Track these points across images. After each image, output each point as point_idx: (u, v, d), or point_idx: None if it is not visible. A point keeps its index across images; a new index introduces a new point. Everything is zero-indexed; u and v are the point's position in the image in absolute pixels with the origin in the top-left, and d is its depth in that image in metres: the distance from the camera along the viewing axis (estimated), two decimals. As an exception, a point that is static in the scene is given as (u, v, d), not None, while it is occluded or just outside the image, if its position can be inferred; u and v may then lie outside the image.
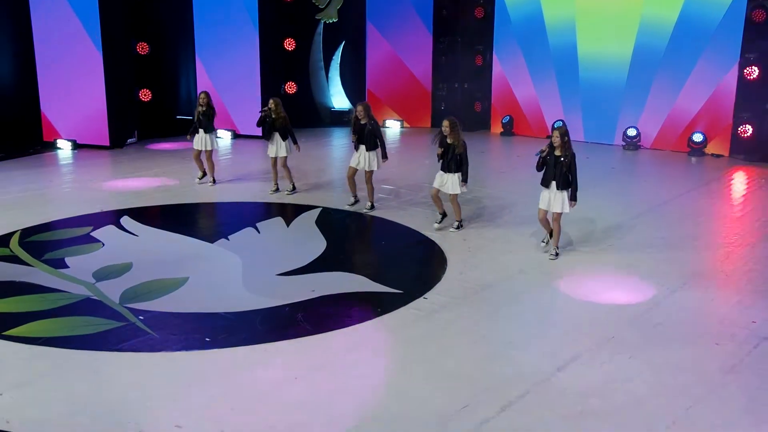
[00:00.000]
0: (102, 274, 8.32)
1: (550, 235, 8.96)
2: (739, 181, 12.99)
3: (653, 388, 5.92)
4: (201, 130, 11.92)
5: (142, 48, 15.95)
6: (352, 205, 10.91)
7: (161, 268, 8.53)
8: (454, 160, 9.45)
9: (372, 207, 10.83)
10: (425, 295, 7.81)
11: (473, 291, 7.94)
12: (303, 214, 10.66)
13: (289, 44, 17.30)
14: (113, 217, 10.47)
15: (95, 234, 9.74)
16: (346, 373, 6.21)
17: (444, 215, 9.92)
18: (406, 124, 18.45)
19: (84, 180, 12.86)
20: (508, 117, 17.24)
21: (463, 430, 5.34)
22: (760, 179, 12.83)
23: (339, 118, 18.48)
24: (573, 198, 8.62)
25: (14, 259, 8.78)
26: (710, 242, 9.69)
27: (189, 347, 6.64)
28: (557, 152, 8.51)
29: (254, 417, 5.53)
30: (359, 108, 10.51)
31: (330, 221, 10.47)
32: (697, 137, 14.76)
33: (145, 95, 16.09)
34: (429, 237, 9.68)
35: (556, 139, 8.48)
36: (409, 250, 9.44)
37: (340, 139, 16.90)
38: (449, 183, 9.54)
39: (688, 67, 14.69)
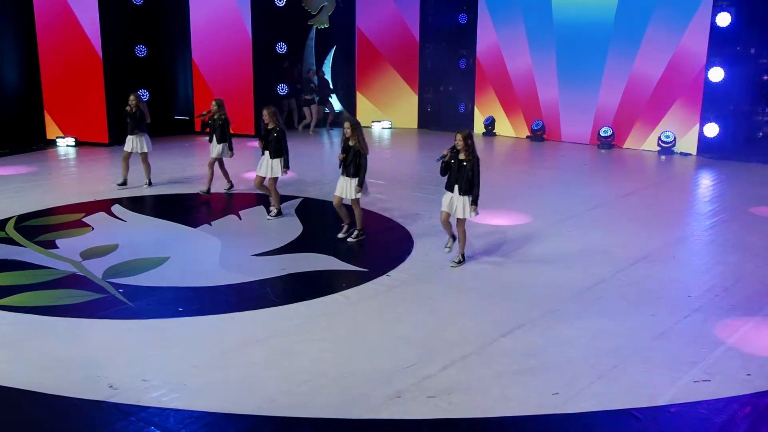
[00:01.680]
0: (88, 254, 8.67)
1: (453, 239, 8.49)
2: (702, 177, 13.30)
3: (585, 350, 6.24)
4: (132, 136, 11.56)
5: (141, 50, 16.34)
6: (276, 216, 10.31)
7: (145, 249, 8.88)
8: (354, 164, 8.91)
9: (279, 213, 10.29)
10: (389, 273, 8.14)
11: (434, 270, 8.27)
12: (284, 203, 10.98)
13: (281, 48, 17.65)
14: (105, 205, 10.84)
15: (86, 219, 10.10)
16: (304, 337, 6.54)
17: (350, 225, 9.42)
18: (394, 125, 18.80)
19: (81, 173, 13.26)
20: (490, 118, 17.58)
21: (406, 384, 5.66)
22: (721, 174, 13.15)
23: (333, 120, 18.90)
24: (474, 203, 8.07)
25: (8, 241, 9.14)
26: (664, 229, 9.97)
27: (161, 316, 6.98)
28: (461, 156, 7.98)
29: (214, 373, 5.87)
30: (265, 112, 9.97)
31: (309, 210, 10.81)
32: (667, 136, 15.08)
33: (142, 96, 16.45)
34: (400, 223, 10.02)
35: (459, 143, 7.94)
36: (381, 234, 9.74)
37: (328, 138, 17.28)
38: (350, 188, 8.99)
39: (657, 71, 15.03)
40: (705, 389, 5.56)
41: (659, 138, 15.22)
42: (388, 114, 18.72)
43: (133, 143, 11.64)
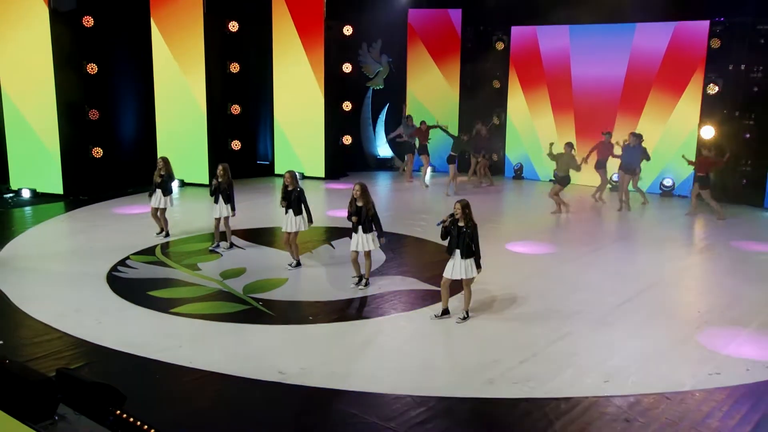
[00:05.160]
0: (226, 275, 9.99)
1: (472, 314, 8.39)
2: (699, 216, 14.30)
3: (622, 352, 7.43)
4: (159, 191, 11.81)
5: (235, 109, 17.89)
6: (295, 267, 10.38)
7: (267, 272, 10.17)
8: (367, 221, 9.30)
9: (298, 264, 10.43)
10: (463, 292, 9.35)
11: (502, 289, 9.46)
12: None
13: (347, 106, 19.10)
14: (225, 236, 12.14)
15: (213, 248, 11.42)
16: (410, 338, 7.80)
17: (361, 277, 9.60)
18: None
19: (195, 210, 14.62)
20: (519, 164, 18.83)
21: (493, 373, 6.87)
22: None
23: (383, 164, 20.26)
24: (477, 266, 8.13)
25: (161, 264, 10.51)
26: (671, 260, 11.14)
27: (297, 322, 8.27)
28: (460, 223, 8.01)
29: (353, 364, 7.13)
30: (286, 176, 10.19)
31: (389, 242, 11.93)
32: (668, 182, 16.22)
33: (235, 145, 17.96)
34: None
35: (458, 212, 7.96)
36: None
37: (384, 180, 18.64)
38: (366, 241, 9.35)
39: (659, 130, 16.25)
40: (717, 379, 6.73)
41: (661, 183, 16.38)
42: (433, 161, 19.97)
43: (159, 199, 11.88)
